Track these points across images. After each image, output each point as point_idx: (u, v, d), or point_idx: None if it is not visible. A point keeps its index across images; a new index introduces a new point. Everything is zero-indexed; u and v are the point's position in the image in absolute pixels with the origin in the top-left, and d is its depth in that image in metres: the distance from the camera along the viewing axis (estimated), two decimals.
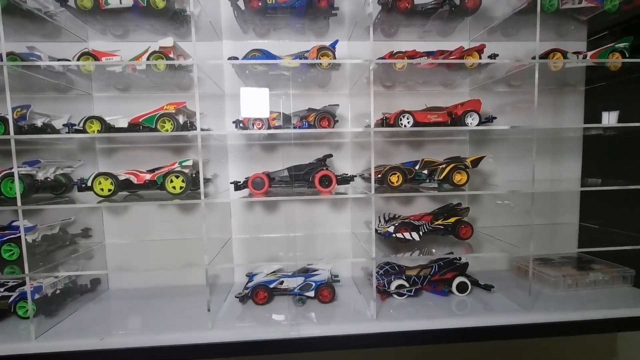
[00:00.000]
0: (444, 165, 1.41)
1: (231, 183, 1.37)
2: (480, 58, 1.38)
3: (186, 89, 1.54)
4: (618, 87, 1.55)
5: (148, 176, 1.33)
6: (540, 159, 1.68)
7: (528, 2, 1.35)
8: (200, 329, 1.21)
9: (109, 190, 1.29)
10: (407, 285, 1.43)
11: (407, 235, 1.42)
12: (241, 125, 1.37)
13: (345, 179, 1.40)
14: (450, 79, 1.61)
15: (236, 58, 1.35)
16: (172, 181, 1.32)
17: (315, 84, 1.60)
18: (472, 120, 1.39)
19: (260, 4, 1.35)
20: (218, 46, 1.55)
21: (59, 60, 1.31)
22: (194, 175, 1.38)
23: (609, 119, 1.48)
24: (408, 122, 1.38)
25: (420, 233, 1.43)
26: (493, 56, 1.35)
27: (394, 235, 1.42)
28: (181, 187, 1.31)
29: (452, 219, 1.47)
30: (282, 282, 1.44)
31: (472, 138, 1.67)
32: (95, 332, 1.21)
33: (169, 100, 1.35)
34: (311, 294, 1.40)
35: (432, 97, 1.63)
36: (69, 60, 1.31)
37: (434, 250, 1.48)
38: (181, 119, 1.35)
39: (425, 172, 1.44)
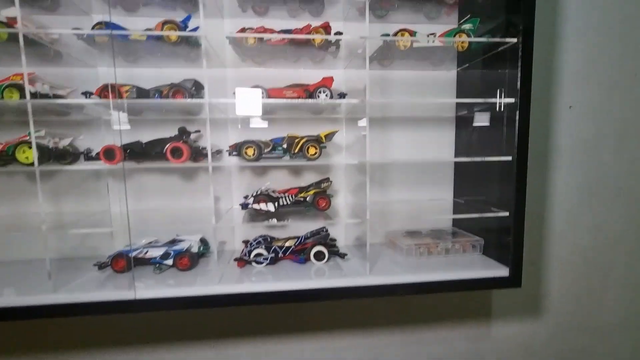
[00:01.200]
0: (298, 139, 1.48)
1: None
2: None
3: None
4: (481, 67, 1.64)
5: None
6: (416, 136, 1.79)
7: None
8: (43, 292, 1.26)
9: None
10: (266, 253, 1.50)
11: (263, 206, 1.49)
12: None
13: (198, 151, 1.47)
14: (317, 56, 1.65)
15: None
16: (24, 152, 1.35)
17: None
18: (323, 96, 1.46)
19: None
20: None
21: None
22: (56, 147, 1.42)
23: (481, 119, 1.58)
24: (262, 96, 1.44)
25: (276, 205, 1.50)
26: (337, 34, 1.42)
27: (251, 206, 1.49)
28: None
29: (312, 191, 1.55)
30: (146, 252, 1.49)
31: (347, 117, 1.74)
32: None
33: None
34: (169, 262, 1.46)
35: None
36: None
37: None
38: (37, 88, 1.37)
39: (284, 146, 1.51)
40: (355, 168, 1.66)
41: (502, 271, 1.42)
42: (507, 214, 1.41)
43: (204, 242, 1.61)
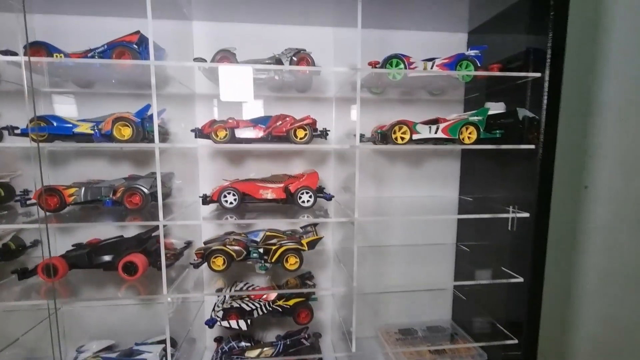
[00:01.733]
0: (276, 247, 1.27)
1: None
2: None
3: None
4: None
5: None
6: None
7: None
8: None
9: None
10: None
11: (233, 323, 1.28)
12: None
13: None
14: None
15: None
16: None
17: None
18: (307, 198, 1.24)
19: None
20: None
21: None
22: None
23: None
24: (234, 199, 1.22)
25: (249, 321, 1.29)
26: (325, 132, 1.20)
27: (220, 324, 1.28)
28: None
29: (292, 301, 1.34)
30: None
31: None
32: None
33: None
34: None
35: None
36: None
37: None
38: None
39: (261, 250, 1.30)
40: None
41: None
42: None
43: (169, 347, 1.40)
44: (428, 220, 1.62)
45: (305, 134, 1.19)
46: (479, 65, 1.24)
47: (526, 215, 1.18)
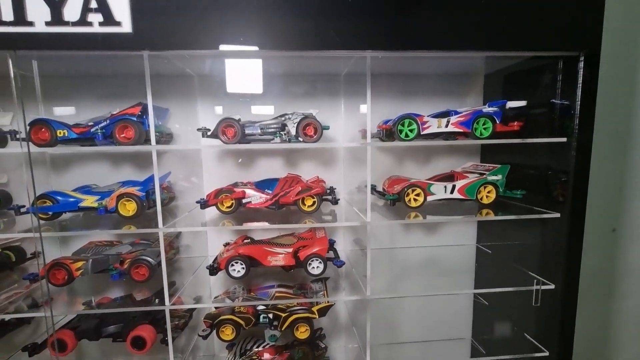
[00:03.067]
0: (287, 314, 1.22)
1: None
2: None
3: None
4: None
5: None
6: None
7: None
8: None
9: None
10: None
11: None
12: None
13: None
14: None
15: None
16: None
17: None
18: (317, 264, 1.20)
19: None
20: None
21: None
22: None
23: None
24: (242, 268, 1.19)
25: None
26: (334, 198, 1.15)
27: None
28: None
29: None
30: None
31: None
32: None
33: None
34: None
35: None
36: None
37: None
38: None
39: (270, 316, 1.26)
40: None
41: None
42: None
43: None
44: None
45: (314, 202, 1.14)
46: (497, 122, 1.16)
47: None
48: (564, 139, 1.02)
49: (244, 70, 1.25)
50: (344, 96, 1.40)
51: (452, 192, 1.21)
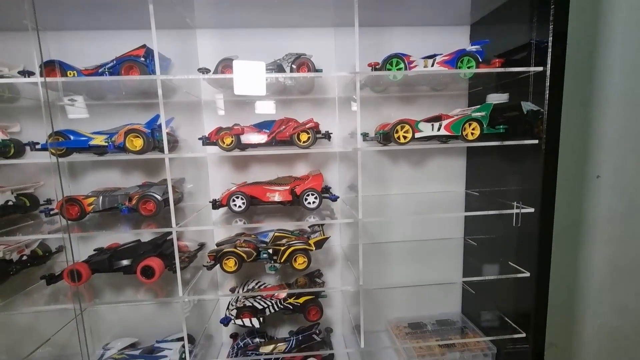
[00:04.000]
0: (285, 247, 1.31)
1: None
2: None
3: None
4: None
5: None
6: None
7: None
8: None
9: None
10: None
11: (247, 322, 1.34)
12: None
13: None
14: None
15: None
16: None
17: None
18: (313, 199, 1.28)
19: None
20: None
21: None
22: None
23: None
24: (243, 203, 1.27)
25: (261, 319, 1.35)
26: (328, 136, 1.23)
27: (234, 322, 1.34)
28: None
29: (302, 299, 1.39)
30: None
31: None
32: None
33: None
34: None
35: None
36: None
37: None
38: None
39: (270, 251, 1.34)
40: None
41: None
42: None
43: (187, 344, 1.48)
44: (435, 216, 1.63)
45: (308, 137, 1.22)
46: (480, 60, 1.23)
47: (531, 210, 1.18)
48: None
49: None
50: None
51: (439, 129, 1.28)
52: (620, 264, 1.76)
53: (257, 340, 1.45)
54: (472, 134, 1.29)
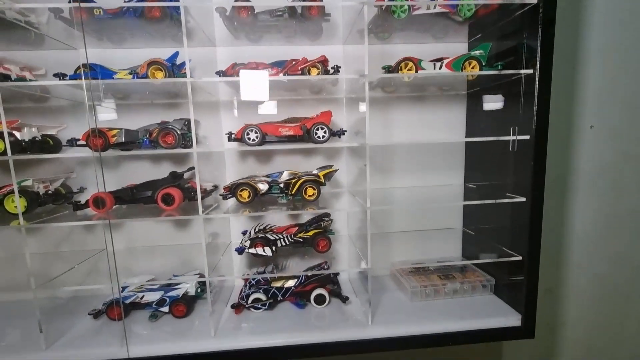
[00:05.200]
0: (295, 180, 1.39)
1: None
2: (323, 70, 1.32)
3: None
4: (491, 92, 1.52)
5: None
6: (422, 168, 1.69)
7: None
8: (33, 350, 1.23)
9: None
10: (264, 298, 1.44)
11: (260, 250, 1.42)
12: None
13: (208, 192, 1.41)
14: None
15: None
16: (13, 201, 1.31)
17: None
18: (322, 134, 1.36)
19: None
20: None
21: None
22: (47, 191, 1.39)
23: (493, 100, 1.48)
24: (257, 137, 1.35)
25: (274, 248, 1.43)
26: (336, 69, 1.31)
27: (247, 250, 1.42)
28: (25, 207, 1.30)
29: (311, 232, 1.47)
30: (142, 297, 1.45)
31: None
32: None
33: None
34: (165, 309, 1.41)
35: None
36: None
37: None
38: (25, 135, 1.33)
39: (282, 185, 1.43)
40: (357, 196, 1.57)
41: (514, 319, 1.33)
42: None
43: (202, 282, 1.56)
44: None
45: (318, 72, 1.30)
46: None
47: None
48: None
49: None
50: None
51: (440, 68, 1.37)
52: (615, 213, 1.85)
53: (269, 277, 1.52)
54: (472, 73, 1.38)
